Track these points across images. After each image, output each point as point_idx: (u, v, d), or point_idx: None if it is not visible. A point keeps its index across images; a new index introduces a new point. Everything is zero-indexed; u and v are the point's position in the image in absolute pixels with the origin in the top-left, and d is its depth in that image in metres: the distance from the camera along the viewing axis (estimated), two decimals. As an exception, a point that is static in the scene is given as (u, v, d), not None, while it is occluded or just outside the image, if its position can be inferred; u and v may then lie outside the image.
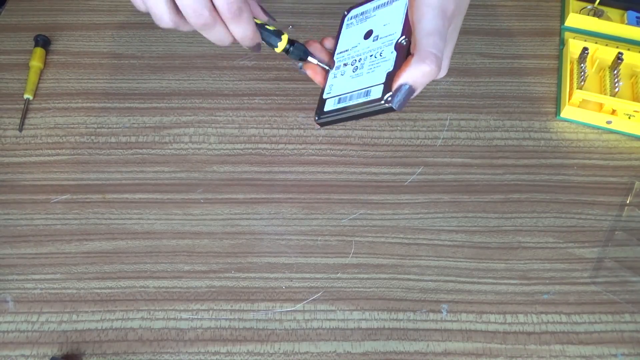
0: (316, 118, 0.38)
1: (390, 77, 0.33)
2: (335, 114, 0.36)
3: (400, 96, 0.32)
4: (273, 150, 0.53)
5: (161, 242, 0.48)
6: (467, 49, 0.59)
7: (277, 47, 0.37)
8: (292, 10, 0.62)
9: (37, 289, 0.45)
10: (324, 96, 0.38)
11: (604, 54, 0.57)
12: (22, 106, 0.55)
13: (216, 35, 0.34)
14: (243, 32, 0.34)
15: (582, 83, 0.54)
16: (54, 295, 0.45)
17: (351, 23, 0.40)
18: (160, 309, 0.45)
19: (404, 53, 0.34)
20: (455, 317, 0.44)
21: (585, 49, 0.56)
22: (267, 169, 0.51)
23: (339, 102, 0.36)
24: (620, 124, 0.53)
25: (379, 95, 0.33)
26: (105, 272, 0.46)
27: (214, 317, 0.44)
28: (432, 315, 0.44)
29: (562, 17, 0.61)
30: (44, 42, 0.58)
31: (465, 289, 0.46)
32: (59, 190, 0.50)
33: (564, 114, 0.54)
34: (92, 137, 0.53)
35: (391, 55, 0.34)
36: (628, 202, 0.50)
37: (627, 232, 0.48)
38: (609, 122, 0.53)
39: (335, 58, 0.39)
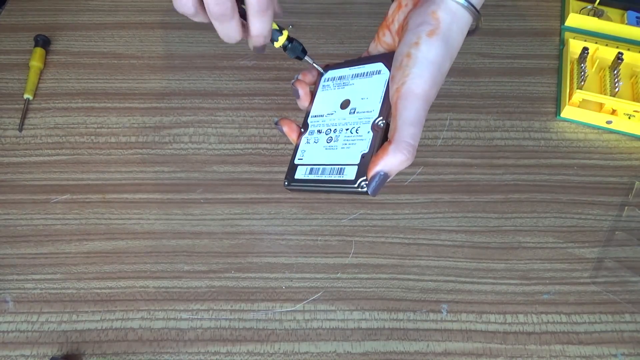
0: (285, 183, 0.37)
1: (365, 161, 0.33)
2: (306, 184, 0.35)
3: (375, 184, 0.32)
4: (273, 150, 0.53)
5: (161, 242, 0.48)
6: (467, 49, 0.59)
7: (277, 41, 0.36)
8: (292, 10, 0.62)
9: (37, 289, 0.45)
10: (296, 161, 0.37)
11: (604, 54, 0.57)
12: (22, 106, 0.55)
13: (228, 30, 0.34)
14: (263, 28, 0.33)
15: (582, 83, 0.54)
16: (54, 295, 0.45)
17: (327, 85, 0.39)
18: (160, 309, 0.45)
19: (381, 135, 0.34)
20: (455, 317, 0.44)
21: (585, 49, 0.56)
22: (267, 169, 0.51)
23: (310, 173, 0.35)
24: (620, 124, 0.53)
25: (352, 178, 0.33)
26: (105, 272, 0.46)
27: (214, 317, 0.44)
28: (432, 315, 0.44)
29: (562, 17, 0.61)
30: (44, 42, 0.58)
31: (465, 289, 0.46)
32: (59, 190, 0.50)
33: (564, 114, 0.54)
34: (92, 137, 0.53)
35: (367, 135, 0.34)
36: (628, 202, 0.50)
37: (627, 232, 0.48)
38: (609, 122, 0.53)
39: (309, 121, 0.38)
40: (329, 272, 0.46)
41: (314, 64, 0.38)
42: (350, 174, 0.33)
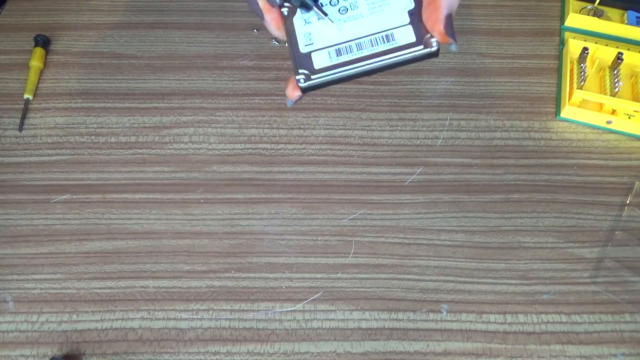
0: (301, 81, 0.28)
1: (417, 17, 0.27)
2: (336, 71, 0.28)
3: (452, 29, 0.27)
4: (273, 150, 0.53)
5: (161, 242, 0.48)
6: (467, 49, 0.59)
7: None
8: (292, 10, 0.62)
9: (37, 289, 0.45)
10: (305, 49, 0.29)
11: (604, 54, 0.57)
12: (22, 106, 0.55)
13: None
14: None
15: (582, 83, 0.54)
16: (54, 295, 0.45)
17: None
18: (160, 309, 0.45)
19: None
20: (455, 317, 0.44)
21: (585, 49, 0.56)
22: (267, 169, 0.51)
23: (339, 55, 0.28)
24: (620, 124, 0.53)
25: (413, 39, 0.27)
26: (105, 272, 0.46)
27: (214, 317, 0.44)
28: (432, 315, 0.44)
29: (562, 17, 0.61)
30: (44, 42, 0.58)
31: (465, 289, 0.46)
32: (59, 190, 0.50)
33: (564, 114, 0.54)
34: (92, 137, 0.53)
35: None
36: (628, 202, 0.50)
37: (627, 232, 0.48)
38: (609, 122, 0.53)
39: None
40: (329, 272, 0.46)
41: (329, 20, 0.29)
42: (405, 36, 0.27)
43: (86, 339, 0.43)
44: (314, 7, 0.29)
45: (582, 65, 0.55)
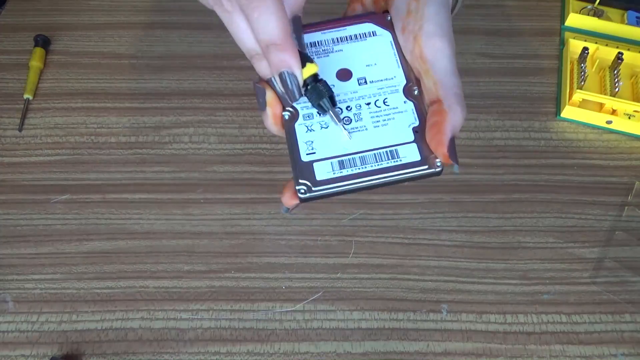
0: (302, 191, 0.28)
1: (421, 134, 0.27)
2: (338, 184, 0.27)
3: (454, 153, 0.26)
4: (273, 150, 0.53)
5: (161, 242, 0.48)
6: (467, 49, 0.59)
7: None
8: (292, 10, 0.62)
9: (37, 289, 0.45)
10: (307, 158, 0.28)
11: (604, 54, 0.57)
12: (22, 106, 0.55)
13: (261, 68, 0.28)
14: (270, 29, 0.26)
15: (582, 83, 0.54)
16: (54, 295, 0.45)
17: None
18: (160, 309, 0.45)
19: (422, 105, 0.28)
20: (455, 317, 0.44)
21: (585, 49, 0.56)
22: (267, 169, 0.51)
23: (342, 167, 0.27)
24: (620, 124, 0.53)
25: (417, 158, 0.27)
26: (105, 272, 0.46)
27: (214, 317, 0.44)
28: (432, 315, 0.44)
29: (562, 17, 0.61)
30: (44, 42, 0.58)
31: (465, 289, 0.46)
32: (59, 190, 0.50)
33: (564, 114, 0.54)
34: (92, 137, 0.53)
35: (406, 106, 0.28)
36: (628, 202, 0.50)
37: (627, 232, 0.48)
38: (609, 122, 0.53)
39: (294, 104, 0.29)
40: (329, 272, 0.46)
41: (342, 127, 0.28)
42: (410, 154, 0.27)
43: (86, 339, 0.43)
44: (330, 112, 0.28)
45: (582, 65, 0.55)
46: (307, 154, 0.29)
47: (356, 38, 0.31)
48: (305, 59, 0.27)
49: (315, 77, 0.28)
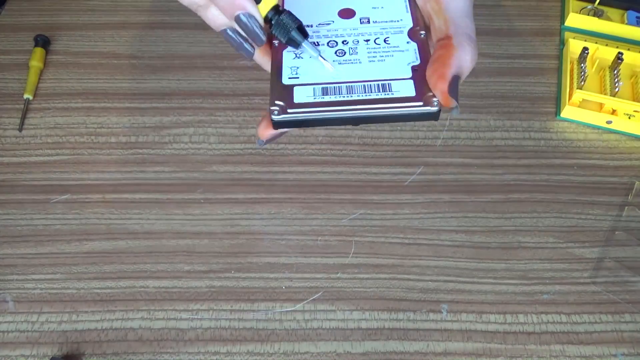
0: (275, 112, 0.25)
1: (420, 74, 0.26)
2: (318, 109, 0.25)
3: (455, 91, 0.24)
4: (273, 150, 0.53)
5: (161, 242, 0.48)
6: (467, 49, 0.59)
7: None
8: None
9: (37, 289, 0.45)
10: (286, 81, 0.26)
11: (604, 54, 0.57)
12: (22, 106, 0.55)
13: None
14: None
15: (582, 83, 0.54)
16: (54, 295, 0.45)
17: None
18: (160, 309, 0.45)
19: (426, 48, 0.27)
20: (455, 317, 0.44)
21: (585, 49, 0.56)
22: (267, 169, 0.51)
23: (325, 94, 0.25)
24: (620, 124, 0.53)
25: (412, 94, 0.25)
26: (105, 272, 0.46)
27: (214, 317, 0.44)
28: (432, 315, 0.44)
29: (562, 17, 0.61)
30: (44, 42, 0.58)
31: (465, 289, 0.46)
32: (59, 190, 0.50)
33: (564, 114, 0.54)
34: (92, 137, 0.53)
35: (408, 46, 0.27)
36: (628, 202, 0.50)
37: (627, 232, 0.48)
38: (609, 122, 0.53)
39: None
40: (329, 272, 0.46)
41: (322, 57, 0.27)
42: (404, 89, 0.25)
43: (86, 339, 0.43)
44: (304, 44, 0.26)
45: (582, 65, 0.55)
46: (289, 78, 0.26)
47: None
48: None
49: (277, 9, 0.25)
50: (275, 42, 0.28)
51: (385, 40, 0.27)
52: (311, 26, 0.28)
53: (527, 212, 0.49)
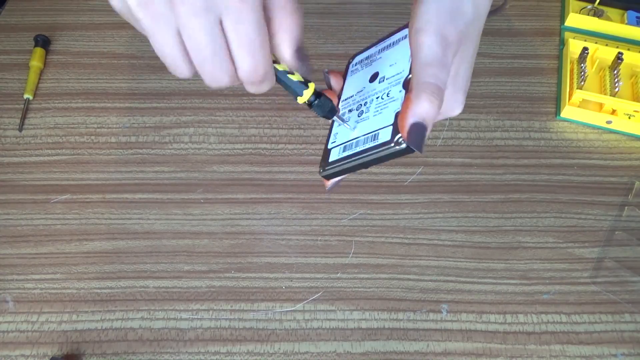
0: (320, 170, 0.34)
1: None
2: (340, 163, 0.33)
3: (413, 136, 0.28)
4: (273, 150, 0.53)
5: (161, 242, 0.48)
6: (467, 49, 0.59)
7: (300, 95, 0.32)
8: (292, 10, 0.62)
9: (37, 289, 0.45)
10: (329, 146, 0.34)
11: (604, 54, 0.57)
12: (22, 106, 0.55)
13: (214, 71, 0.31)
14: (254, 63, 0.28)
15: (582, 83, 0.54)
16: (54, 295, 0.45)
17: (356, 69, 0.37)
18: (160, 309, 0.45)
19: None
20: (455, 317, 0.44)
21: (585, 49, 0.56)
22: (267, 169, 0.51)
23: (344, 151, 0.33)
24: (620, 124, 0.53)
25: (388, 138, 0.30)
26: (105, 272, 0.46)
27: (214, 317, 0.44)
28: (432, 315, 0.44)
29: (562, 17, 0.61)
30: (44, 42, 0.58)
31: (465, 289, 0.46)
32: (59, 190, 0.50)
33: (564, 114, 0.54)
34: (92, 137, 0.53)
35: (399, 95, 0.31)
36: (628, 202, 0.50)
37: (627, 232, 0.48)
38: (609, 122, 0.53)
39: (340, 106, 0.36)
40: (329, 272, 0.46)
41: (346, 124, 0.34)
42: (385, 135, 0.30)
43: (86, 339, 0.43)
44: (336, 117, 0.34)
45: (582, 65, 0.55)
46: (331, 143, 0.35)
47: (393, 44, 0.35)
48: (307, 82, 0.32)
49: (317, 94, 0.32)
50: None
51: (387, 94, 0.32)
52: (352, 96, 0.35)
53: (527, 212, 0.49)
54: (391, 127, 0.30)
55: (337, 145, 0.34)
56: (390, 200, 0.50)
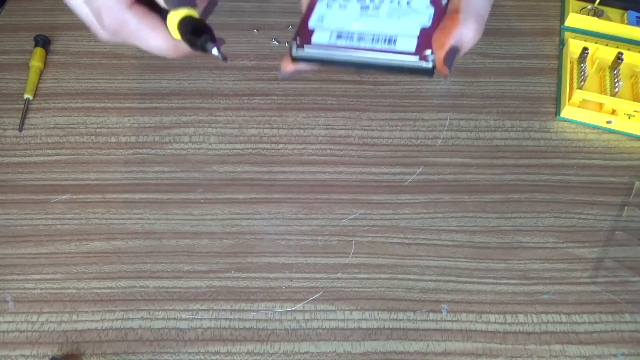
0: (294, 47, 0.29)
1: (427, 35, 0.28)
2: (330, 50, 0.29)
3: (451, 58, 0.27)
4: (273, 150, 0.53)
5: (161, 242, 0.48)
6: (467, 49, 0.59)
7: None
8: (292, 10, 0.62)
9: (37, 289, 0.45)
10: (311, 25, 0.30)
11: (604, 54, 0.57)
12: (22, 106, 0.55)
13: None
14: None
15: (582, 83, 0.54)
16: (54, 295, 0.45)
17: None
18: (160, 309, 0.45)
19: (443, 14, 0.29)
20: (455, 317, 0.44)
21: (585, 49, 0.56)
22: (267, 169, 0.51)
23: (338, 38, 0.29)
24: (620, 124, 0.53)
25: (412, 50, 0.27)
26: (105, 272, 0.46)
27: (214, 317, 0.44)
28: (432, 315, 0.44)
29: (562, 17, 0.61)
30: (44, 42, 0.58)
31: (465, 289, 0.46)
32: (59, 190, 0.50)
33: (564, 114, 0.54)
34: (92, 137, 0.53)
35: (426, 10, 0.29)
36: (628, 202, 0.50)
37: (627, 232, 0.48)
38: (609, 122, 0.53)
39: None
40: (329, 272, 0.46)
41: (218, 54, 0.28)
42: (406, 44, 0.28)
43: (86, 339, 0.43)
44: (213, 50, 0.29)
45: (582, 65, 0.55)
46: (315, 20, 0.30)
47: None
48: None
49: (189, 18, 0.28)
50: None
51: (407, 3, 0.30)
52: None
53: (527, 212, 0.49)
54: (415, 38, 0.28)
55: (327, 30, 0.30)
56: (390, 200, 0.50)
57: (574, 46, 0.57)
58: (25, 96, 0.55)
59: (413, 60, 0.27)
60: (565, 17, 0.60)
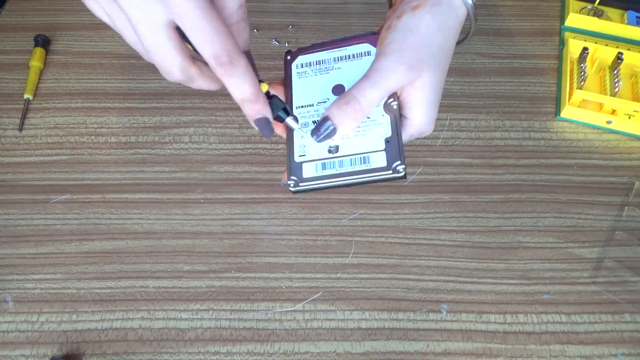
0: (291, 185, 0.33)
1: (392, 145, 0.32)
2: (320, 181, 0.32)
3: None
4: (273, 150, 0.53)
5: (161, 242, 0.48)
6: (467, 49, 0.59)
7: None
8: (292, 10, 0.62)
9: (37, 289, 0.45)
10: (298, 159, 0.33)
11: (604, 54, 0.57)
12: (22, 106, 0.55)
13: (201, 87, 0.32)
14: (240, 90, 0.30)
15: (582, 83, 0.54)
16: (54, 295, 0.45)
17: (305, 72, 0.36)
18: (160, 309, 0.45)
19: (398, 117, 0.33)
20: (455, 317, 0.44)
21: (585, 49, 0.56)
22: (267, 169, 0.51)
23: (324, 168, 0.32)
24: (620, 124, 0.53)
25: (384, 164, 0.31)
26: (105, 272, 0.46)
27: (214, 317, 0.44)
28: (432, 315, 0.44)
29: (562, 17, 0.61)
30: (44, 42, 0.58)
31: (465, 289, 0.46)
32: (59, 190, 0.50)
33: (564, 113, 0.54)
34: (92, 137, 0.53)
35: (383, 119, 0.32)
36: (628, 202, 0.50)
37: (627, 232, 0.48)
38: (609, 122, 0.53)
39: (295, 113, 0.35)
40: (329, 272, 0.46)
41: (300, 129, 0.34)
42: (378, 160, 0.31)
43: (86, 339, 0.43)
44: (286, 120, 0.33)
45: (582, 65, 0.55)
46: (299, 156, 0.33)
47: (353, 57, 0.35)
48: (259, 81, 0.32)
49: (267, 94, 0.32)
50: (289, 122, 0.34)
51: (368, 116, 0.33)
52: (312, 105, 0.35)
53: (527, 212, 0.49)
54: (384, 152, 0.32)
55: (311, 161, 0.33)
56: (390, 200, 0.50)
57: (574, 46, 0.57)
58: (25, 96, 0.55)
59: (388, 174, 0.31)
60: (565, 17, 0.60)
